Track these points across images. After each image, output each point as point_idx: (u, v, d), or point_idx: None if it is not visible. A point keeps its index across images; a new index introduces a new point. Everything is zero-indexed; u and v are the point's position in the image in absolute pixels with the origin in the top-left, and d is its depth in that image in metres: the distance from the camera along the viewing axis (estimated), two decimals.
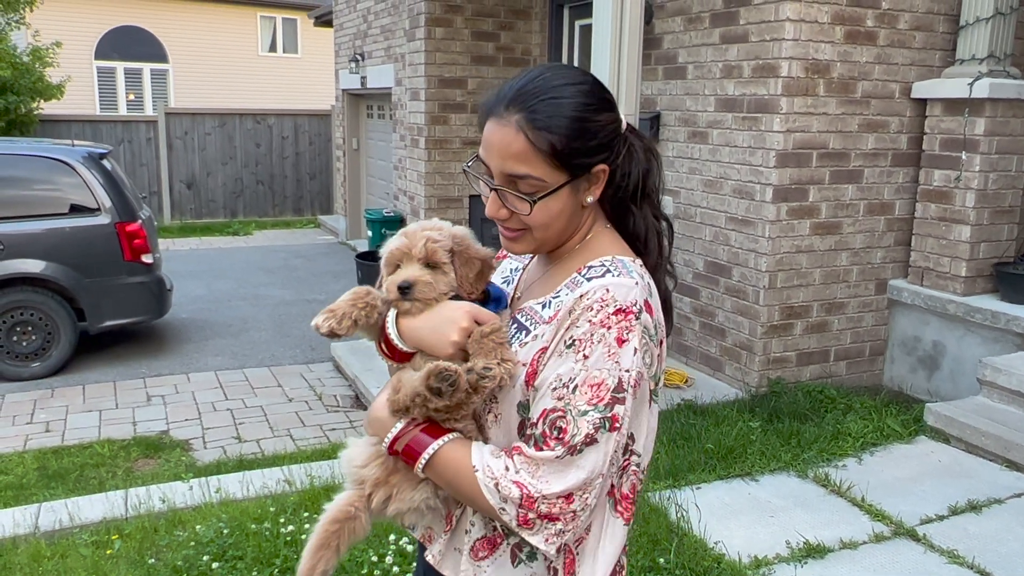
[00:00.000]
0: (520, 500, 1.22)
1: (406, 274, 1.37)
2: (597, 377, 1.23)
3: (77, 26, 18.40)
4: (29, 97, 12.37)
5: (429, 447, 1.31)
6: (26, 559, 3.42)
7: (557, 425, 1.23)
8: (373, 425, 1.40)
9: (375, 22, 10.69)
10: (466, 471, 1.27)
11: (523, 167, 1.29)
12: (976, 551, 3.40)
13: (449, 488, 1.34)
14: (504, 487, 1.23)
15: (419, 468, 1.32)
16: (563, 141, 1.28)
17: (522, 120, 1.28)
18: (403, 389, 1.34)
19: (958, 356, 5.15)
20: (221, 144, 14.11)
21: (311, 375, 6.55)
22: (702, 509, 3.71)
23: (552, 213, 1.33)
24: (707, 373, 5.63)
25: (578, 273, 1.35)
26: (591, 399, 1.22)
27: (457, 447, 1.31)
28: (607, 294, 1.26)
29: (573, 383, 1.23)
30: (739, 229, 5.29)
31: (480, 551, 1.37)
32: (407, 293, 1.36)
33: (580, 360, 1.24)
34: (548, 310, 1.35)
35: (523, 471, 1.23)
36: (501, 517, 1.25)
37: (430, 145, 7.70)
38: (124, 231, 6.61)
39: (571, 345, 1.25)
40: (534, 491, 1.21)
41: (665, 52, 5.85)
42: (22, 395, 6.08)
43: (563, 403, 1.23)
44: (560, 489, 1.21)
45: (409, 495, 1.38)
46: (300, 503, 3.82)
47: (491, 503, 1.24)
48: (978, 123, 4.99)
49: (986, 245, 5.16)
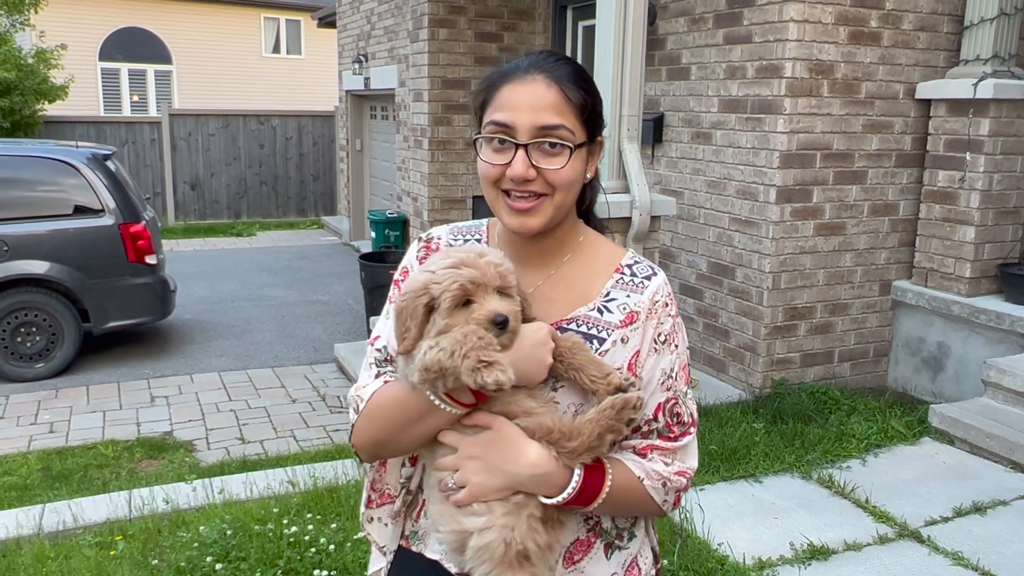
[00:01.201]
0: (684, 485, 1.36)
1: (495, 306, 1.23)
2: (684, 360, 1.41)
3: (81, 28, 18.44)
4: (33, 98, 12.39)
5: (607, 480, 1.29)
6: (30, 560, 3.42)
7: (675, 412, 1.37)
8: (531, 485, 1.25)
9: (378, 23, 10.70)
10: (635, 486, 1.32)
11: (557, 118, 1.31)
12: (981, 553, 3.39)
13: (615, 509, 1.35)
14: (673, 482, 1.34)
15: (596, 504, 1.29)
16: (588, 98, 1.35)
17: (550, 77, 1.32)
18: (576, 435, 1.24)
19: (962, 357, 5.14)
20: (225, 145, 14.13)
21: (314, 376, 6.55)
22: (706, 510, 3.71)
23: (577, 172, 1.34)
24: (711, 374, 5.62)
25: (620, 274, 1.41)
26: (686, 379, 1.41)
27: (617, 469, 1.31)
28: (668, 288, 1.42)
29: (674, 372, 1.38)
30: (743, 230, 5.28)
31: (575, 554, 1.37)
32: (505, 328, 1.23)
33: (674, 350, 1.39)
34: (613, 315, 1.36)
35: (676, 462, 1.36)
36: (662, 508, 1.36)
37: (433, 146, 7.70)
38: (128, 232, 6.62)
39: (664, 341, 1.38)
40: (690, 471, 1.37)
41: (669, 53, 5.85)
42: (26, 396, 6.09)
43: (672, 392, 1.37)
44: (696, 463, 1.40)
45: (564, 538, 1.32)
46: (303, 504, 3.82)
47: (658, 501, 1.34)
48: (982, 124, 4.98)
49: (990, 246, 5.15)
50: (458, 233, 1.51)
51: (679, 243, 5.90)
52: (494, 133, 1.32)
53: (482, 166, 1.36)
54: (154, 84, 20.32)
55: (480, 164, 1.37)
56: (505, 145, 1.32)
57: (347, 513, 3.74)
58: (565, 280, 1.40)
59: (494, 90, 1.35)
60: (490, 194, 1.37)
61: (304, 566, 3.27)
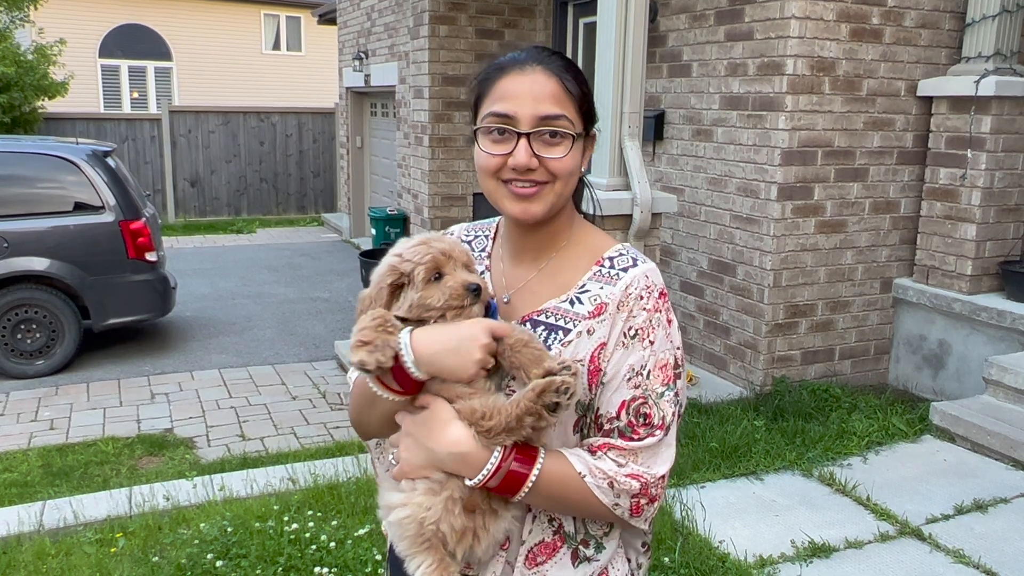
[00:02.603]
0: (638, 490, 1.26)
1: (467, 276, 1.28)
2: (663, 359, 1.31)
3: (81, 24, 18.42)
4: (33, 95, 12.38)
5: (534, 468, 1.24)
6: (30, 557, 3.42)
7: (641, 412, 1.28)
8: (451, 464, 1.26)
9: (379, 20, 10.69)
10: (574, 480, 1.26)
11: (558, 108, 1.32)
12: (982, 551, 3.39)
13: (551, 503, 1.29)
14: (620, 483, 1.25)
15: (523, 493, 1.25)
16: (584, 90, 1.36)
17: (549, 69, 1.33)
18: (495, 414, 1.23)
19: (964, 355, 5.14)
20: (225, 142, 14.11)
21: (315, 373, 6.55)
22: (707, 508, 3.71)
23: (576, 162, 1.36)
24: (711, 372, 5.61)
25: (599, 266, 1.37)
26: (663, 380, 1.30)
27: (553, 461, 1.26)
28: (648, 280, 1.34)
29: (646, 369, 1.29)
30: (744, 227, 5.27)
31: (538, 556, 1.34)
32: (479, 295, 1.28)
33: (647, 347, 1.30)
34: (583, 306, 1.33)
35: (630, 463, 1.27)
36: (613, 512, 1.27)
37: (434, 143, 7.69)
38: (128, 229, 6.61)
39: (635, 336, 1.30)
40: (650, 478, 1.27)
41: (670, 50, 5.84)
42: (27, 393, 6.08)
43: (641, 390, 1.29)
44: (665, 470, 1.29)
45: (494, 527, 1.28)
46: (304, 501, 3.82)
47: (605, 503, 1.26)
48: (984, 121, 4.97)
49: (992, 243, 5.14)
50: (471, 229, 1.55)
51: (680, 240, 5.89)
52: (495, 123, 1.32)
53: (481, 157, 1.35)
54: (154, 81, 20.29)
55: (479, 156, 1.36)
56: (505, 136, 1.32)
57: (348, 510, 3.74)
58: (551, 274, 1.40)
59: (491, 83, 1.35)
60: (489, 185, 1.36)
61: (304, 563, 3.27)
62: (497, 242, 1.50)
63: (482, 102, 1.36)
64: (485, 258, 1.49)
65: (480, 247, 1.51)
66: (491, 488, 1.25)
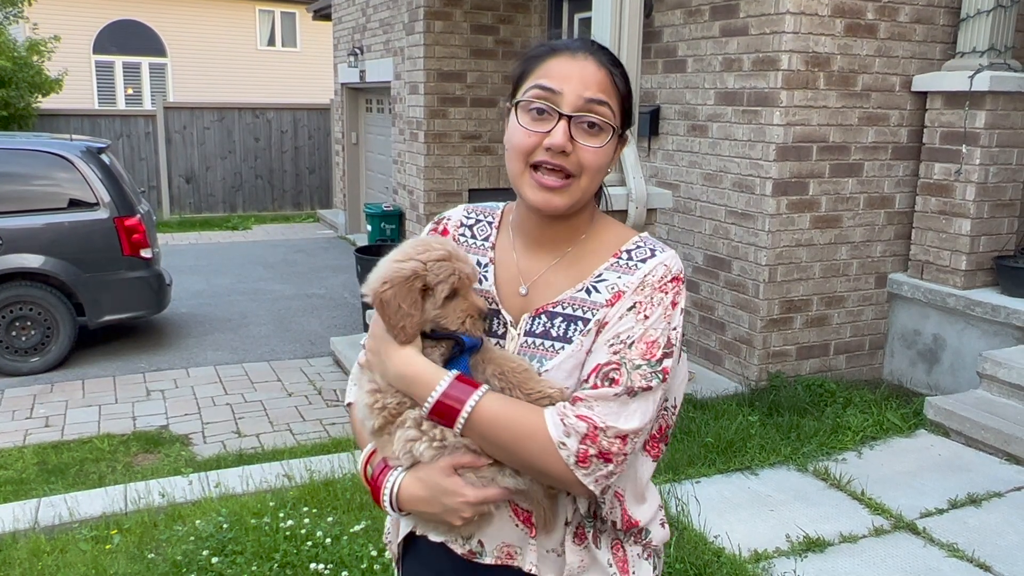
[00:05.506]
0: (585, 432, 1.21)
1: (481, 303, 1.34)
2: (652, 336, 1.28)
3: (75, 20, 18.36)
4: (27, 91, 12.33)
5: (477, 390, 1.25)
6: (26, 554, 3.42)
7: (610, 376, 1.25)
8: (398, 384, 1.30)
9: (374, 16, 10.66)
10: (523, 410, 1.25)
11: (604, 95, 1.32)
12: (976, 544, 3.40)
13: (491, 440, 1.25)
14: (569, 422, 1.22)
15: (460, 422, 1.25)
16: (629, 89, 1.38)
17: (599, 60, 1.34)
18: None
19: (958, 350, 5.15)
20: (220, 138, 14.08)
21: (311, 369, 6.55)
22: (702, 503, 3.71)
23: (608, 158, 1.35)
24: (707, 367, 5.62)
25: (617, 258, 1.37)
26: (644, 354, 1.26)
27: (499, 396, 1.27)
28: (663, 269, 1.34)
29: (631, 340, 1.27)
30: (739, 223, 5.28)
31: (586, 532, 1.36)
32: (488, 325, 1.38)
33: (640, 320, 1.29)
34: (600, 294, 1.33)
35: (582, 407, 1.23)
36: (558, 453, 1.21)
37: (429, 139, 7.68)
38: (123, 226, 6.60)
39: (632, 308, 1.30)
40: (599, 422, 1.21)
41: (665, 45, 5.83)
42: (21, 390, 6.07)
43: (618, 356, 1.26)
44: (623, 426, 1.22)
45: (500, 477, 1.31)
46: (300, 498, 3.82)
47: (553, 437, 1.21)
48: (979, 116, 4.98)
49: (986, 238, 5.15)
50: (472, 212, 1.51)
51: (675, 236, 5.89)
52: (538, 97, 1.31)
53: (517, 134, 1.32)
54: (149, 77, 20.24)
55: (514, 132, 1.33)
56: (544, 116, 1.30)
57: (343, 506, 3.74)
58: (568, 265, 1.39)
59: (539, 61, 1.34)
60: (516, 168, 1.34)
61: (300, 559, 3.27)
62: (503, 231, 1.47)
63: (526, 78, 1.34)
64: (489, 249, 1.45)
65: (483, 235, 1.47)
66: (431, 416, 1.27)
